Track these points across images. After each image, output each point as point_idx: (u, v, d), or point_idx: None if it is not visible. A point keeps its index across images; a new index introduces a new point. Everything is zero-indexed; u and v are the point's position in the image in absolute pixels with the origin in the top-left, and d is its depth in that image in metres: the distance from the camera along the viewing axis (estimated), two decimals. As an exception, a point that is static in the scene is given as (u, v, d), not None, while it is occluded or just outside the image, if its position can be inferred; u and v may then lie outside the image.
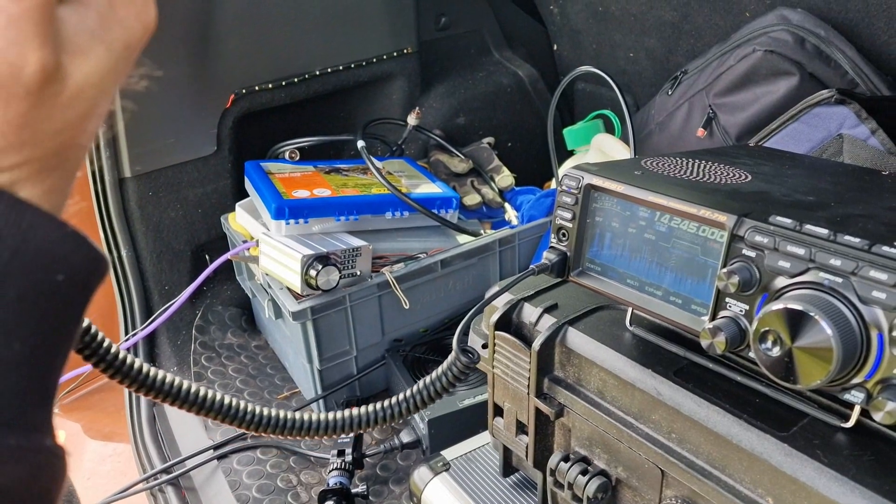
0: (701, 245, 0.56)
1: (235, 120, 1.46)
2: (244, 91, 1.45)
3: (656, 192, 0.58)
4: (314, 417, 0.63)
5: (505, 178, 1.52)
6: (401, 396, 0.65)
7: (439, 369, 0.64)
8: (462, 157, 1.56)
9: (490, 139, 1.67)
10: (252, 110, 1.48)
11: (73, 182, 0.33)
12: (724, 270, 0.52)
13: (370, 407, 0.65)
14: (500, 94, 1.77)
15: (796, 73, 1.19)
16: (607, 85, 1.29)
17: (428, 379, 0.65)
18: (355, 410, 0.65)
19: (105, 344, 0.53)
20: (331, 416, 0.64)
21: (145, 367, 0.57)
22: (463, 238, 1.35)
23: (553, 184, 1.53)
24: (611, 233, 0.63)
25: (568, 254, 0.65)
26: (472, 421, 1.08)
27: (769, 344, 0.49)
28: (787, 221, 0.51)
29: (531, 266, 0.65)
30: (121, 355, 0.55)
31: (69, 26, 0.29)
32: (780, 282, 0.50)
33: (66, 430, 1.51)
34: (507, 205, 1.48)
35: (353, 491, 1.05)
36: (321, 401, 1.26)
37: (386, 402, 0.66)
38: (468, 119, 1.72)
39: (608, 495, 0.66)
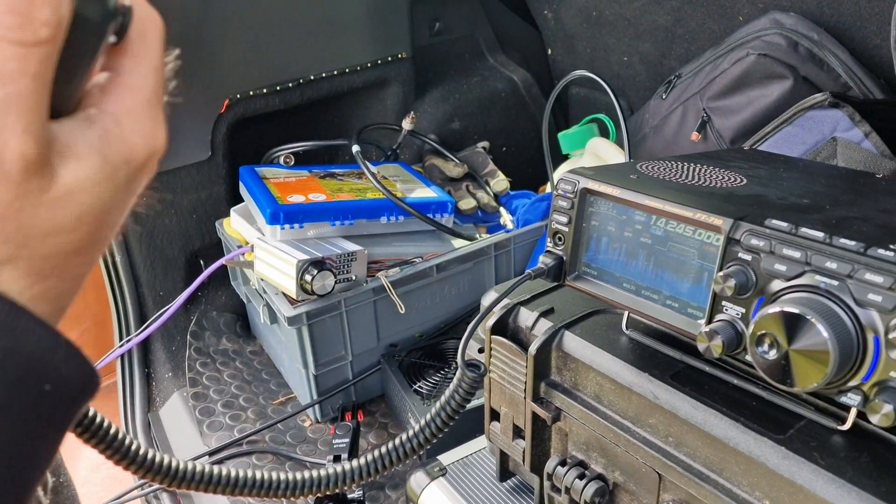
0: (697, 249, 0.56)
1: (230, 125, 1.46)
2: (238, 96, 1.45)
3: (652, 195, 0.59)
4: (331, 471, 0.64)
5: (500, 182, 1.52)
6: (410, 432, 0.65)
7: (448, 391, 0.64)
8: (457, 161, 1.56)
9: (485, 143, 1.67)
10: (246, 116, 1.48)
11: (73, 293, 0.32)
12: (721, 274, 0.52)
13: (383, 449, 0.65)
14: (495, 98, 1.78)
15: (790, 76, 1.20)
16: (601, 89, 1.29)
17: (438, 405, 0.64)
18: (376, 452, 0.65)
19: (108, 428, 0.53)
20: (347, 466, 0.64)
21: (150, 452, 0.57)
22: (458, 242, 1.35)
23: (548, 188, 1.53)
24: (607, 237, 0.63)
25: (564, 258, 0.65)
26: (468, 425, 1.07)
27: (766, 347, 0.49)
28: (783, 224, 0.51)
29: (527, 271, 0.65)
30: (126, 440, 0.55)
31: (68, 132, 0.29)
32: (777, 285, 0.50)
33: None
34: (502, 209, 1.48)
35: (350, 496, 1.04)
36: (317, 406, 1.26)
37: (403, 437, 0.65)
38: (463, 124, 1.72)
39: (606, 499, 0.66)
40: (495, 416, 0.77)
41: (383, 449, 0.65)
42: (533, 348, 0.69)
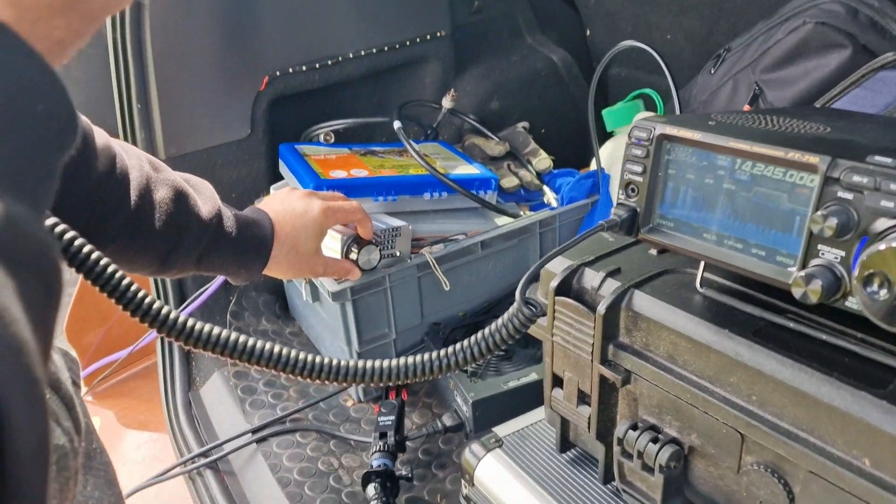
0: (787, 192, 0.53)
1: (269, 102, 1.44)
2: (278, 73, 1.43)
3: (738, 137, 0.55)
4: (373, 364, 0.62)
5: (543, 160, 1.49)
6: (457, 347, 0.61)
7: (499, 321, 0.61)
8: (498, 139, 1.53)
9: (525, 123, 1.64)
10: (286, 93, 1.46)
11: (53, 58, 0.32)
12: (820, 213, 0.49)
13: (422, 356, 0.62)
14: (535, 78, 1.74)
15: (849, 45, 1.15)
16: (644, 68, 1.25)
17: (487, 331, 0.61)
18: (409, 359, 0.62)
19: (129, 284, 0.57)
20: (378, 363, 0.62)
21: (172, 311, 0.60)
22: (502, 220, 1.32)
23: (592, 166, 1.49)
24: (685, 185, 0.60)
25: (638, 209, 0.62)
26: (517, 403, 1.04)
27: (875, 287, 0.46)
28: (888, 160, 0.48)
29: (600, 222, 0.62)
30: (147, 298, 0.58)
31: None
32: (883, 223, 0.47)
33: (100, 417, 1.50)
34: (545, 187, 1.45)
35: (398, 473, 1.02)
36: (359, 386, 1.24)
37: (441, 352, 0.62)
38: (502, 104, 1.69)
39: (681, 464, 0.63)
40: (557, 382, 0.74)
41: (423, 357, 0.62)
42: (602, 308, 0.66)
